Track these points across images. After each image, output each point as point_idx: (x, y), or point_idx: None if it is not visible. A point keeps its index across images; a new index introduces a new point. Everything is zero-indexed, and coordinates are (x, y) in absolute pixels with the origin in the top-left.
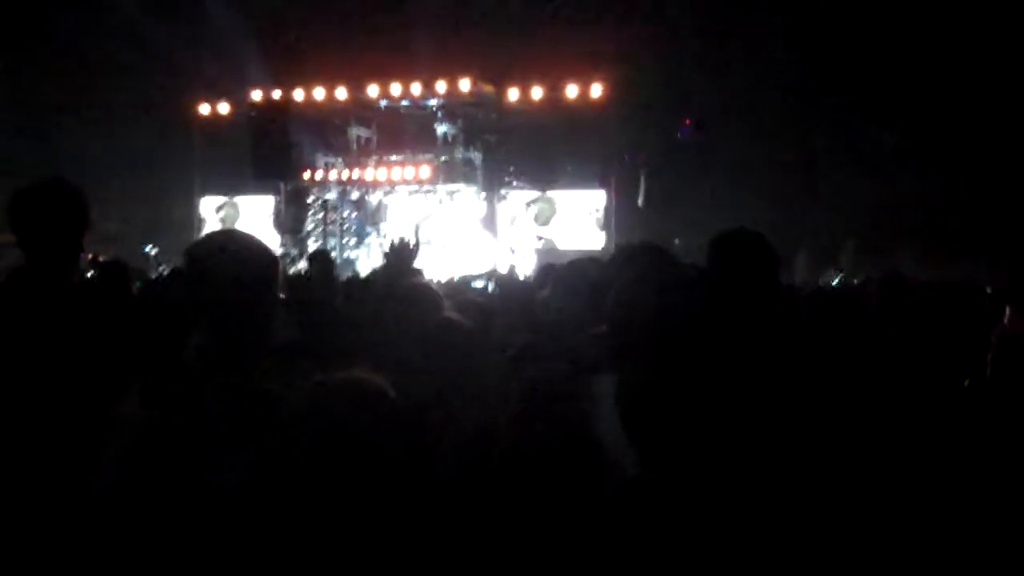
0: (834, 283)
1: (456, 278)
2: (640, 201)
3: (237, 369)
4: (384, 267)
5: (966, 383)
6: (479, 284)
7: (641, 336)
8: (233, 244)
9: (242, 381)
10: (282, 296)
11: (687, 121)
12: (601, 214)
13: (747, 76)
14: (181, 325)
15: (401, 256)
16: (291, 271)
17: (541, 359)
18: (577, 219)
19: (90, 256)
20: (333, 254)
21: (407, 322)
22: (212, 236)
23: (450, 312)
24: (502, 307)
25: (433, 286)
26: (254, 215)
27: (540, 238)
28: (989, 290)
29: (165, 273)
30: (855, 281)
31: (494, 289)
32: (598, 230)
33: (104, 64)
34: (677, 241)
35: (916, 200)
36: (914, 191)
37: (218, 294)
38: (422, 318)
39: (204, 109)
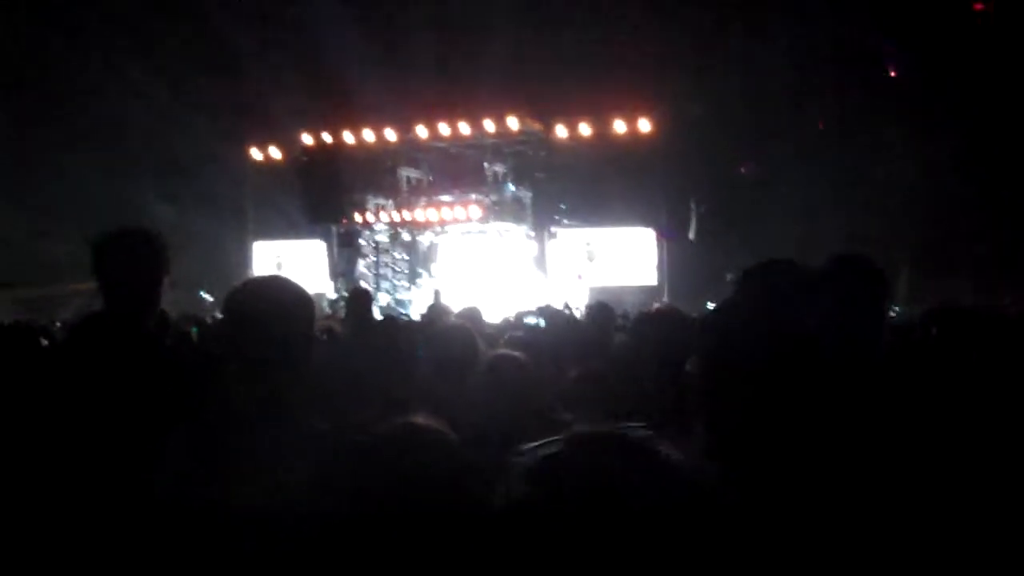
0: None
1: (511, 316)
2: (691, 235)
3: (281, 410)
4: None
5: None
6: (532, 320)
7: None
8: (268, 289)
9: (288, 422)
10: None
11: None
12: (653, 250)
13: (796, 110)
14: (223, 370)
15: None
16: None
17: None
18: (626, 256)
19: None
20: (386, 296)
21: (445, 363)
22: (248, 283)
23: (500, 349)
24: (551, 341)
25: (479, 326)
26: (306, 259)
27: (579, 276)
28: None
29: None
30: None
31: (545, 324)
32: (648, 266)
33: (158, 111)
34: (730, 277)
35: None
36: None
37: (255, 338)
38: (459, 358)
39: (256, 154)
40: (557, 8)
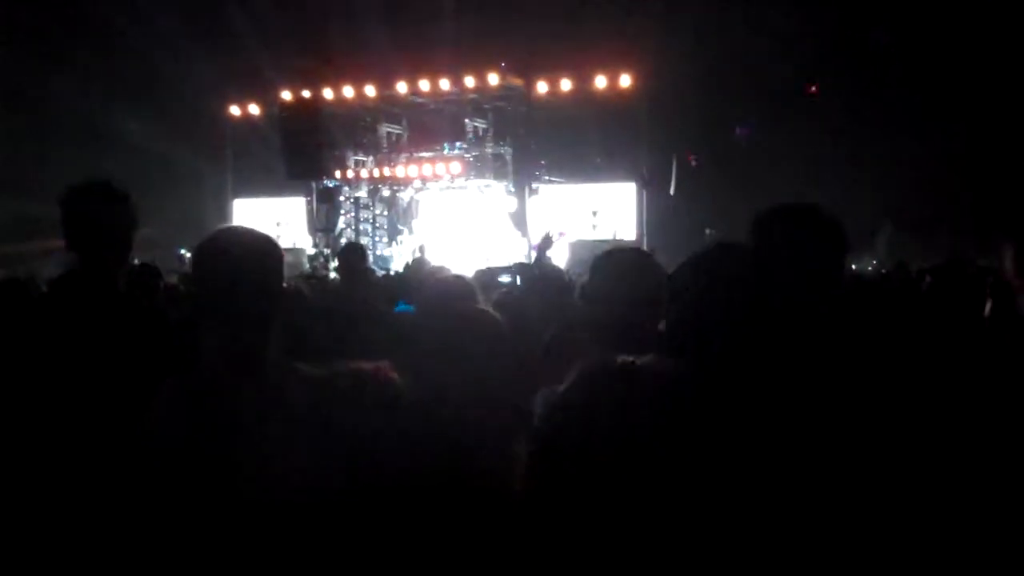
0: (868, 268)
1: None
2: (671, 190)
3: (250, 356)
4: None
5: None
6: (505, 279)
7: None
8: (237, 238)
9: (260, 365)
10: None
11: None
12: (632, 205)
13: (778, 64)
14: (194, 326)
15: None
16: (325, 270)
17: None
18: (608, 211)
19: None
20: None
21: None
22: (217, 233)
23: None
24: (531, 301)
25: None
26: (286, 215)
27: (561, 233)
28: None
29: None
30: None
31: (521, 283)
32: (629, 221)
33: (135, 67)
34: (709, 231)
35: (957, 186)
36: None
37: (222, 289)
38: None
39: (235, 111)
40: None
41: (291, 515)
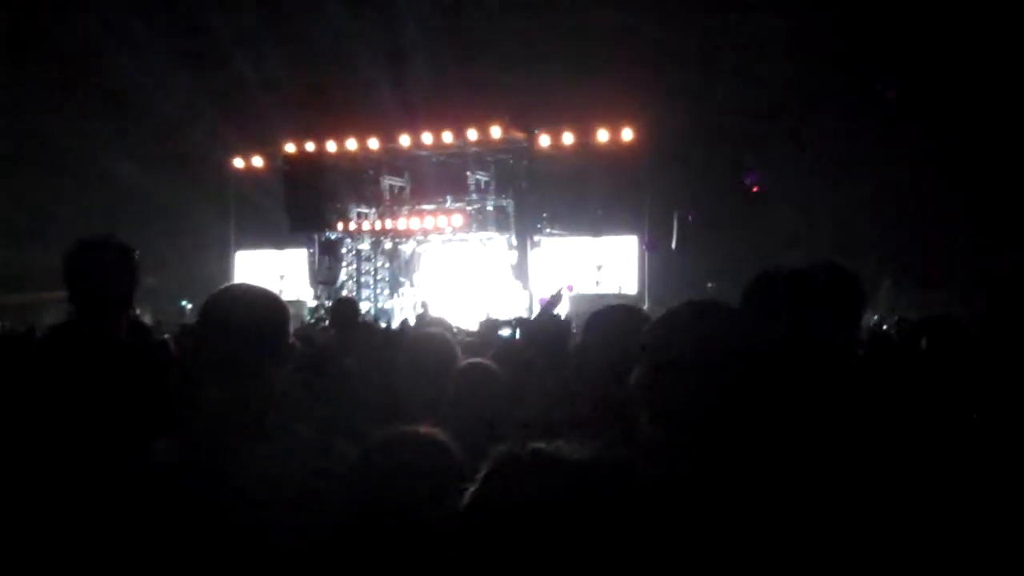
0: (871, 324)
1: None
2: (673, 244)
3: (250, 416)
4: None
5: None
6: (506, 332)
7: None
8: (244, 295)
9: (258, 424)
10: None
11: (748, 177)
12: (635, 259)
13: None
14: (196, 378)
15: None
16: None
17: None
18: (612, 266)
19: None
20: (367, 305)
21: (420, 371)
22: (225, 289)
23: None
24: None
25: (454, 334)
26: (289, 267)
27: (570, 287)
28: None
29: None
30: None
31: (520, 337)
32: (630, 275)
33: (140, 118)
34: (710, 285)
35: (956, 239)
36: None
37: (228, 342)
38: (436, 367)
39: (238, 163)
40: (539, 17)
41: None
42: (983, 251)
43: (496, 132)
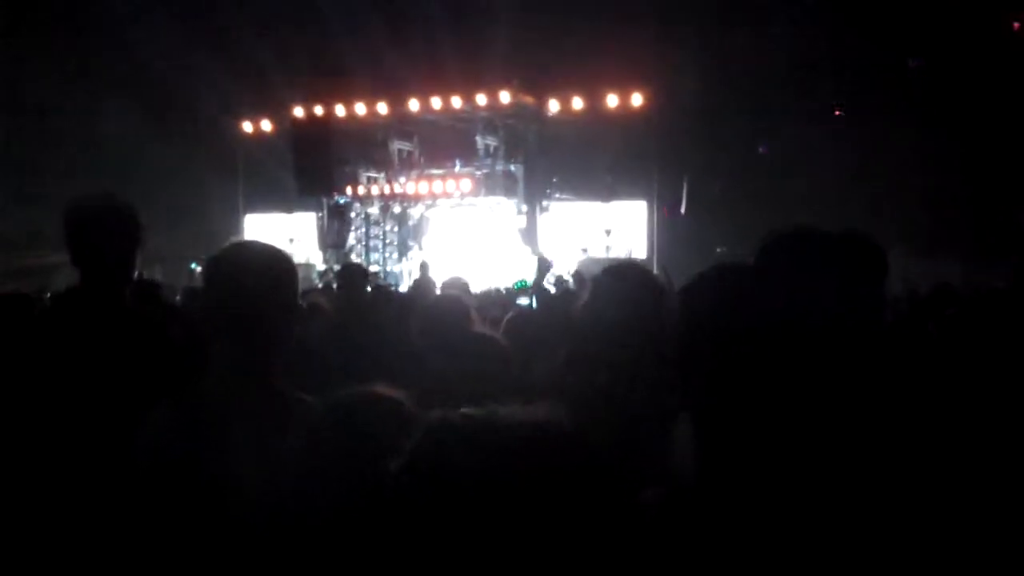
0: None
1: (502, 289)
2: (683, 209)
3: (260, 374)
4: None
5: None
6: (524, 301)
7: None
8: (250, 254)
9: (267, 386)
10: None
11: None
12: (644, 224)
13: (794, 82)
14: (204, 339)
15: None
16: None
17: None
18: (621, 230)
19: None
20: (376, 268)
21: (434, 334)
22: (227, 249)
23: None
24: (543, 321)
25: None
26: (298, 231)
27: (584, 250)
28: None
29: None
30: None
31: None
32: (639, 239)
33: (149, 82)
34: (719, 250)
35: (964, 203)
36: (963, 194)
37: (234, 303)
38: (450, 331)
39: (247, 127)
40: None
41: (286, 540)
42: (993, 217)
43: (505, 97)
